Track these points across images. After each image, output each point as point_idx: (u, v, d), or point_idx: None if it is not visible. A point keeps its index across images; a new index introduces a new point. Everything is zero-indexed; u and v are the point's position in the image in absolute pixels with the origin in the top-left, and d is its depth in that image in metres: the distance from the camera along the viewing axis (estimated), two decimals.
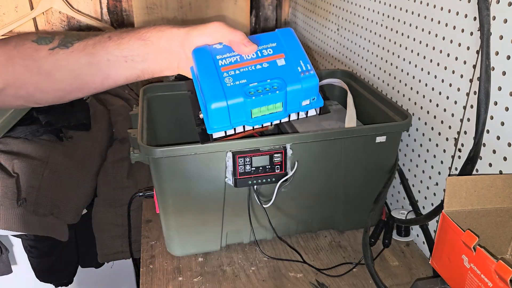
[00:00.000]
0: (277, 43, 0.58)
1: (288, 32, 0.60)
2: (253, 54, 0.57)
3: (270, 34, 0.60)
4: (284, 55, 0.58)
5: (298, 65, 0.57)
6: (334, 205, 0.90)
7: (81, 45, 0.58)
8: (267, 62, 0.57)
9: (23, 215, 1.13)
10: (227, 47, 0.57)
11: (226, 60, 0.57)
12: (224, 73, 0.56)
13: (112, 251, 1.31)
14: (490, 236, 0.63)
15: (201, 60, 0.56)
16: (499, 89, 0.66)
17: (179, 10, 1.58)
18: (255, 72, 0.56)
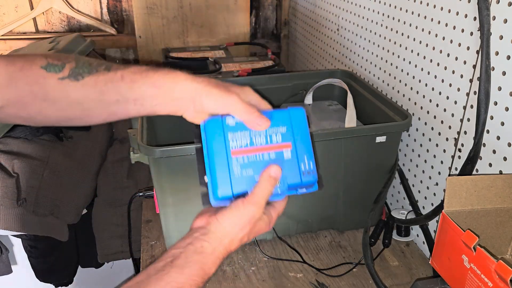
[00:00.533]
0: (287, 128, 0.59)
1: (300, 115, 0.60)
2: (263, 139, 0.57)
3: (283, 113, 0.59)
4: (291, 146, 0.58)
5: (302, 161, 0.58)
6: (334, 205, 0.90)
7: (92, 79, 0.57)
8: (275, 152, 0.58)
9: (23, 215, 1.13)
10: (241, 123, 0.57)
11: (237, 142, 0.56)
12: (234, 160, 0.56)
13: (112, 251, 1.31)
14: (490, 236, 0.63)
15: (213, 135, 0.56)
16: (499, 89, 0.66)
17: (179, 10, 1.58)
18: (262, 163, 0.57)
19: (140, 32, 1.58)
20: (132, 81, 0.57)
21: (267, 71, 1.23)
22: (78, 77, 0.56)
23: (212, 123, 0.56)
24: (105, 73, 0.57)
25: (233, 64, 1.28)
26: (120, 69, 0.58)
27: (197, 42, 1.63)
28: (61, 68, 0.56)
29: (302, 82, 1.08)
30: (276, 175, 0.57)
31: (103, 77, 0.57)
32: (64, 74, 0.56)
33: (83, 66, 0.57)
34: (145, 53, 1.62)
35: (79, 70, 0.56)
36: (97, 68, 0.57)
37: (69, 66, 0.56)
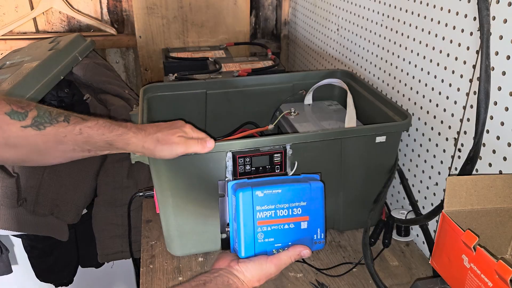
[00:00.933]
0: (307, 203, 0.68)
1: (319, 191, 0.69)
2: (285, 211, 0.67)
3: (304, 188, 0.68)
4: (308, 218, 0.68)
5: (315, 233, 0.69)
6: (334, 205, 0.91)
7: (53, 130, 0.62)
8: (294, 223, 0.67)
9: (23, 215, 1.13)
10: (267, 195, 0.66)
11: (263, 213, 0.65)
12: (258, 228, 0.65)
13: (112, 251, 1.31)
14: (490, 236, 0.63)
15: (245, 206, 0.65)
16: (499, 89, 0.66)
17: (179, 10, 1.58)
18: (282, 232, 0.67)
19: (140, 32, 1.58)
20: (88, 136, 0.64)
21: (267, 71, 1.23)
22: (40, 127, 0.61)
23: (245, 196, 0.64)
24: (64, 125, 0.63)
25: (233, 64, 1.28)
26: (78, 124, 0.64)
27: (197, 42, 1.63)
28: (24, 117, 0.60)
29: (302, 82, 1.08)
30: (305, 256, 0.68)
31: (63, 129, 0.63)
32: (27, 122, 0.60)
33: (44, 115, 0.62)
34: (145, 53, 1.62)
35: (41, 120, 0.61)
36: (57, 118, 0.63)
37: (31, 115, 0.61)
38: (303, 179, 0.70)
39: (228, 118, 1.08)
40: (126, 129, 0.67)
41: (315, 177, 0.71)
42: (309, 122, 0.97)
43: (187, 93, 1.03)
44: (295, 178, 0.71)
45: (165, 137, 0.69)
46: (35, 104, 0.63)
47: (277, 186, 0.66)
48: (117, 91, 1.44)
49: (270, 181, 0.69)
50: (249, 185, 0.66)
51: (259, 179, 0.69)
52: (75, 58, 1.35)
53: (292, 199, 0.66)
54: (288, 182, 0.68)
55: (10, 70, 1.25)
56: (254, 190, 0.64)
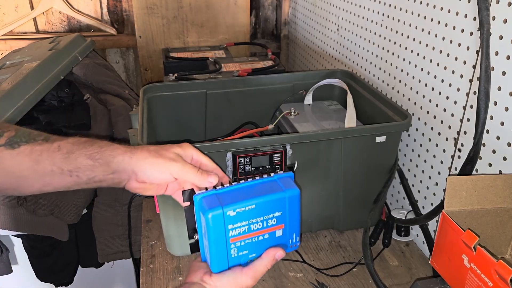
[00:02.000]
0: (282, 212, 0.62)
1: (295, 200, 0.62)
2: (260, 224, 0.61)
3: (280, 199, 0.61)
4: (283, 226, 0.63)
5: (290, 238, 0.64)
6: (334, 205, 0.91)
7: (28, 148, 0.55)
8: (269, 233, 0.62)
9: (23, 215, 1.13)
10: (241, 213, 0.59)
11: (236, 230, 0.59)
12: (231, 244, 0.60)
13: (112, 251, 1.31)
14: (490, 236, 0.63)
15: (215, 227, 0.58)
16: (499, 89, 0.66)
17: (179, 10, 1.58)
18: (256, 243, 0.62)
19: (140, 32, 1.58)
20: (68, 152, 0.56)
21: (267, 71, 1.23)
22: (14, 145, 0.55)
23: (217, 217, 0.57)
24: (42, 143, 0.56)
25: (233, 64, 1.28)
26: (58, 140, 0.57)
27: (197, 42, 1.63)
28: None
29: (302, 82, 1.08)
30: (279, 257, 0.62)
31: (39, 147, 0.56)
32: (1, 141, 0.55)
33: (21, 135, 0.56)
34: (145, 53, 1.62)
35: (16, 139, 0.56)
36: (35, 138, 0.56)
37: (7, 135, 0.56)
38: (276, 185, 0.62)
39: (228, 118, 1.08)
40: (109, 143, 0.58)
41: (289, 178, 0.64)
42: (309, 122, 0.97)
43: (187, 93, 1.03)
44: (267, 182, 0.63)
45: (160, 150, 0.59)
46: (16, 127, 0.57)
47: (250, 201, 0.59)
48: (117, 91, 1.44)
49: (241, 192, 0.61)
50: (219, 201, 0.58)
51: (228, 187, 0.60)
52: (75, 58, 1.35)
53: (267, 211, 0.61)
54: (261, 193, 0.61)
55: (10, 70, 1.25)
56: (224, 209, 0.57)
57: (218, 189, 0.60)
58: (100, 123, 1.32)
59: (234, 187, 0.61)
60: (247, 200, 0.59)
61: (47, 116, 1.23)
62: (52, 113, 1.25)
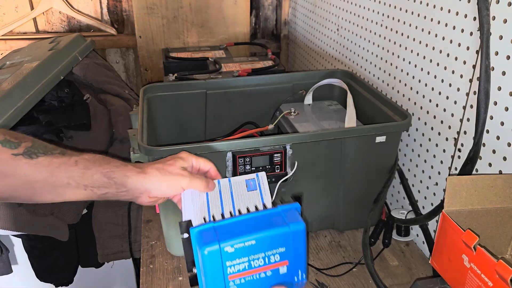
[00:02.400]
0: (286, 248, 0.58)
1: (300, 235, 0.58)
2: (261, 261, 0.57)
3: (283, 234, 0.57)
4: (287, 263, 0.58)
5: (296, 275, 0.59)
6: (334, 205, 0.91)
7: (46, 160, 0.57)
8: (271, 270, 0.58)
9: (23, 215, 1.13)
10: (239, 249, 0.56)
11: (235, 268, 0.56)
12: (231, 282, 0.56)
13: (112, 251, 1.31)
14: (490, 236, 0.63)
15: (212, 264, 0.55)
16: (498, 89, 0.66)
17: (179, 10, 1.58)
18: (258, 281, 0.58)
19: (140, 32, 1.58)
20: (85, 168, 0.58)
21: (267, 71, 1.23)
22: (32, 156, 0.57)
23: (211, 254, 0.54)
24: (59, 156, 0.58)
25: (233, 64, 1.28)
26: (75, 155, 0.59)
27: (197, 42, 1.63)
28: (17, 146, 0.57)
29: (302, 82, 1.08)
30: None
31: (57, 159, 0.58)
32: (19, 151, 0.56)
33: (38, 147, 0.58)
34: (145, 53, 1.62)
35: (34, 150, 0.57)
36: (52, 151, 0.58)
37: (24, 145, 0.57)
38: (280, 218, 0.58)
39: (228, 118, 1.08)
40: (125, 163, 0.62)
41: (294, 210, 0.60)
42: (309, 122, 0.97)
43: (187, 93, 1.03)
44: (270, 214, 0.59)
45: (167, 167, 0.63)
46: (31, 138, 0.59)
47: (250, 236, 0.55)
48: (117, 91, 1.44)
49: (241, 226, 0.57)
50: (216, 236, 0.55)
51: (228, 220, 0.58)
52: (75, 58, 1.35)
53: (269, 247, 0.56)
54: (262, 227, 0.57)
55: (10, 70, 1.25)
56: (222, 244, 0.54)
57: (217, 222, 0.57)
58: (100, 123, 1.32)
59: (234, 219, 0.58)
60: (247, 235, 0.55)
61: (47, 116, 1.23)
62: (52, 113, 1.25)
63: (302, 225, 0.58)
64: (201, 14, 1.60)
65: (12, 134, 0.58)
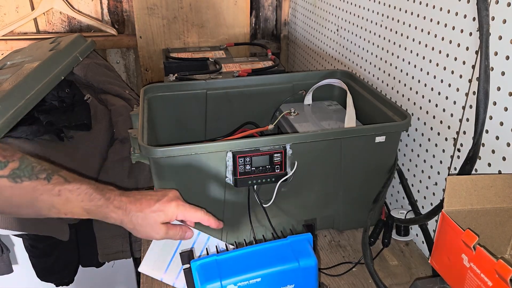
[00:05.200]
0: (295, 285, 0.53)
1: (311, 271, 0.53)
2: None
3: (292, 271, 0.52)
4: None
5: None
6: (334, 205, 0.91)
7: (31, 186, 0.58)
8: None
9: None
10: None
11: None
12: None
13: (113, 251, 1.31)
14: (490, 236, 0.63)
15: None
16: (498, 89, 0.67)
17: (179, 10, 1.58)
18: None
19: (140, 32, 1.58)
20: (67, 200, 0.60)
21: (267, 71, 1.23)
22: (17, 179, 0.57)
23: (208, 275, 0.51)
24: (44, 184, 0.59)
25: (233, 64, 1.29)
26: (59, 184, 0.60)
27: (197, 43, 1.63)
28: (3, 166, 0.57)
29: (302, 83, 1.09)
30: None
31: (41, 187, 0.59)
32: (5, 172, 0.57)
33: (25, 169, 0.58)
34: (146, 54, 1.62)
35: (20, 173, 0.58)
36: (38, 174, 0.59)
37: (11, 166, 0.57)
38: (289, 251, 0.54)
39: (228, 118, 1.08)
40: (108, 201, 0.63)
41: (306, 241, 0.55)
42: (309, 122, 0.97)
43: (188, 93, 1.03)
44: (279, 247, 0.54)
45: (147, 219, 0.65)
46: (20, 155, 0.59)
47: (256, 272, 0.50)
48: (117, 91, 1.44)
49: (246, 260, 0.53)
50: (218, 271, 0.51)
51: (232, 252, 0.53)
52: (75, 58, 1.35)
53: (276, 284, 0.52)
54: (269, 262, 0.52)
55: (11, 70, 1.25)
56: (224, 281, 0.49)
57: (220, 254, 0.53)
58: (101, 123, 1.33)
59: (239, 251, 0.54)
60: (252, 271, 0.51)
61: (47, 116, 1.23)
62: (52, 113, 1.25)
63: (313, 260, 0.54)
64: (201, 14, 1.60)
65: (1, 150, 0.58)
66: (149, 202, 0.66)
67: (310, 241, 0.55)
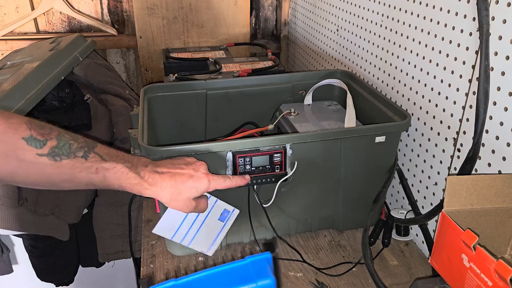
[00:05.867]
0: None
1: None
2: None
3: None
4: None
5: None
6: (334, 205, 0.91)
7: (69, 164, 0.59)
8: None
9: (24, 215, 1.13)
10: None
11: None
12: None
13: (113, 251, 1.31)
14: (490, 236, 0.63)
15: None
16: (498, 89, 0.67)
17: (179, 10, 1.58)
18: None
19: (140, 32, 1.58)
20: (104, 178, 0.62)
21: (267, 71, 1.23)
22: (56, 158, 0.59)
23: None
24: (82, 161, 0.60)
25: (233, 64, 1.29)
26: (96, 162, 0.62)
27: (197, 43, 1.63)
28: (42, 145, 0.58)
29: (301, 83, 1.09)
30: None
31: (79, 164, 0.60)
32: (44, 151, 0.58)
33: (63, 147, 0.59)
34: (146, 54, 1.62)
35: (59, 151, 0.59)
36: (75, 152, 0.60)
37: (50, 144, 0.58)
38: (247, 272, 0.53)
39: (228, 118, 1.08)
40: (142, 180, 0.65)
41: (265, 261, 0.55)
42: (309, 122, 0.97)
43: (188, 93, 1.03)
44: (237, 268, 0.55)
45: (180, 194, 0.68)
46: (57, 133, 0.60)
47: None
48: (117, 91, 1.44)
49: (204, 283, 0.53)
50: None
51: (191, 276, 0.53)
52: (75, 58, 1.35)
53: None
54: (228, 284, 0.52)
55: (11, 70, 1.25)
56: None
57: (179, 279, 0.53)
58: (101, 123, 1.33)
59: (199, 275, 0.54)
60: None
61: (47, 116, 1.23)
62: (53, 113, 1.25)
63: (271, 280, 0.53)
64: (201, 14, 1.60)
65: (38, 127, 0.58)
66: (182, 179, 0.68)
67: (269, 260, 0.55)
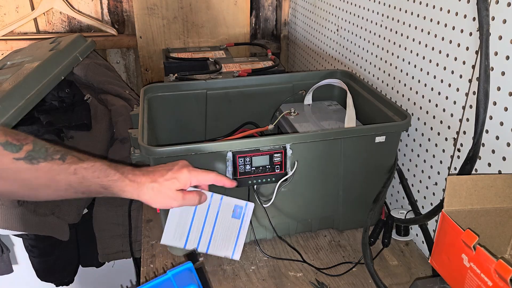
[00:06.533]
0: None
1: None
2: None
3: None
4: None
5: None
6: (334, 205, 0.91)
7: (47, 166, 0.59)
8: None
9: (24, 215, 1.13)
10: None
11: None
12: None
13: (113, 251, 1.31)
14: (490, 236, 0.63)
15: None
16: (498, 89, 0.67)
17: (179, 10, 1.58)
18: None
19: (140, 32, 1.58)
20: (83, 178, 0.61)
21: (267, 71, 1.23)
22: (33, 161, 0.58)
23: None
24: (59, 163, 0.60)
25: (233, 64, 1.29)
26: (74, 163, 0.61)
27: (197, 43, 1.63)
28: (19, 149, 0.58)
29: (302, 83, 1.09)
30: None
31: (57, 167, 0.60)
32: (20, 155, 0.58)
33: (39, 151, 0.59)
34: (146, 54, 1.62)
35: (35, 155, 0.59)
36: (52, 155, 0.60)
37: (26, 148, 0.58)
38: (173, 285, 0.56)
39: (228, 118, 1.08)
40: (123, 176, 0.64)
41: (187, 271, 0.57)
42: (309, 122, 0.97)
43: (188, 93, 1.03)
44: (160, 283, 0.57)
45: (162, 188, 0.67)
46: (32, 139, 0.60)
47: None
48: (117, 91, 1.44)
49: None
50: None
51: None
52: (75, 58, 1.35)
53: None
54: None
55: (11, 70, 1.25)
56: None
57: None
58: (101, 123, 1.33)
59: None
60: None
61: (47, 116, 1.23)
62: (52, 113, 1.25)
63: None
64: (201, 14, 1.60)
65: (14, 134, 0.59)
66: (161, 172, 0.67)
67: (191, 269, 0.57)
